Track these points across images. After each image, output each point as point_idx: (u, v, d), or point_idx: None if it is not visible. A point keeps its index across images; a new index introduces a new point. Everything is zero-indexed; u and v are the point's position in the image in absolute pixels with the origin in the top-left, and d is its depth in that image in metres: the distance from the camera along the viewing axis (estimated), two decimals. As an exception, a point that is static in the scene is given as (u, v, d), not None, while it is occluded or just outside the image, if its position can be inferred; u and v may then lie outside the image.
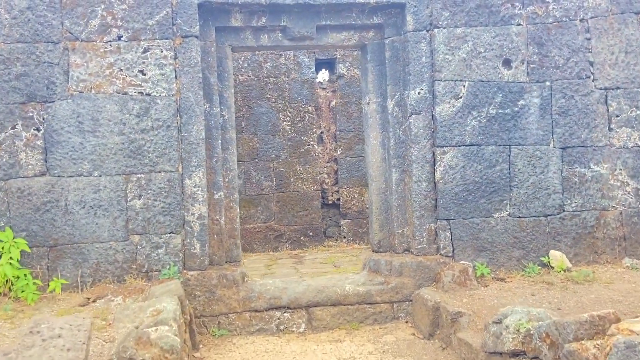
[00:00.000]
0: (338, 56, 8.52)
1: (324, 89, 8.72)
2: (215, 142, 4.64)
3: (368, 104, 4.93)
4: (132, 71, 4.34)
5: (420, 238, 4.61)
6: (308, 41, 4.85)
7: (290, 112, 8.39)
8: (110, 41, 4.34)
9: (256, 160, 8.25)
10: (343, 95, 8.52)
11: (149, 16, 4.36)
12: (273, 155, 8.32)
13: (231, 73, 4.80)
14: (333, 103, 8.59)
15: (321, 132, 8.61)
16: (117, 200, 4.31)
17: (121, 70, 4.34)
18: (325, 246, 8.45)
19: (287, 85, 8.39)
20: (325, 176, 8.64)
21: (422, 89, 4.60)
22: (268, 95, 8.35)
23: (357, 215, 8.52)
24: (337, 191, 8.59)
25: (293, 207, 8.36)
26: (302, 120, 8.42)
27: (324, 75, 8.92)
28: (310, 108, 8.45)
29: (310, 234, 8.43)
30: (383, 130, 4.89)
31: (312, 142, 8.43)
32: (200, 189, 4.41)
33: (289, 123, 8.38)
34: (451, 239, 4.57)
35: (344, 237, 8.52)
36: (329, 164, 8.66)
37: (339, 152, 8.51)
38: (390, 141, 4.80)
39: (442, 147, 4.57)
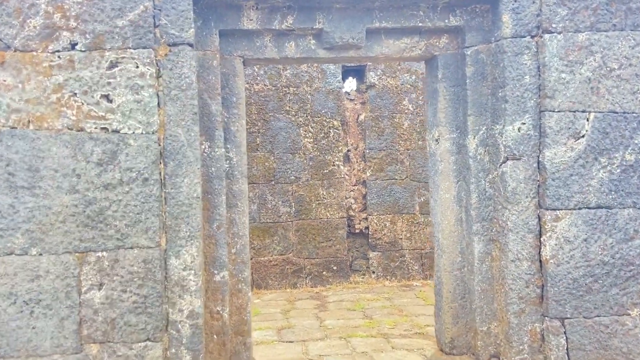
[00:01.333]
0: (368, 63, 6.79)
1: (351, 100, 7.01)
2: (218, 199, 2.96)
3: (437, 140, 3.20)
4: (92, 97, 2.67)
5: (518, 344, 2.86)
6: (353, 51, 3.12)
7: (312, 127, 6.70)
8: (59, 51, 2.64)
9: (272, 182, 6.58)
10: (374, 108, 6.81)
11: (119, 13, 2.65)
12: (292, 177, 6.64)
13: (242, 96, 3.08)
14: (362, 117, 6.90)
15: (348, 151, 6.92)
16: (65, 291, 2.61)
17: (75, 94, 2.65)
18: (351, 282, 6.78)
19: (309, 96, 6.69)
20: (352, 201, 6.96)
21: (523, 123, 2.86)
22: (287, 108, 6.66)
23: (388, 247, 6.84)
24: (366, 219, 6.92)
25: (314, 236, 6.70)
26: (327, 136, 6.72)
27: (351, 84, 7.20)
28: (335, 122, 6.75)
29: (334, 268, 6.77)
30: (459, 180, 3.16)
31: (337, 162, 6.74)
32: (192, 272, 2.70)
33: (311, 140, 6.69)
34: (567, 348, 2.82)
35: (373, 272, 6.86)
36: (356, 187, 6.98)
37: (368, 174, 6.82)
38: (471, 196, 3.08)
39: (554, 209, 2.84)
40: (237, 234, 3.12)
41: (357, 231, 6.93)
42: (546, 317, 2.85)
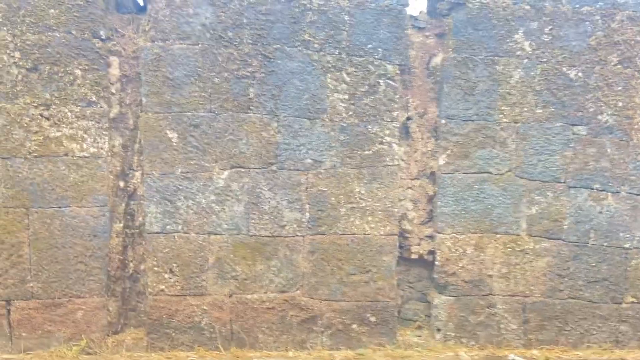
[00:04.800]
0: (457, -39, 3.80)
1: (420, 30, 4.05)
2: None
3: None
4: None
5: None
6: None
7: (348, 74, 3.82)
8: None
9: (274, 167, 3.79)
10: (460, 44, 3.86)
11: None
12: (308, 161, 3.82)
13: None
14: (437, 60, 3.96)
15: (408, 119, 4.02)
16: None
17: None
18: (398, 345, 3.96)
19: (345, 18, 3.79)
20: (409, 206, 4.09)
21: None
22: (306, 36, 3.78)
23: (468, 289, 3.97)
24: (431, 237, 4.06)
25: (341, 264, 3.89)
26: (372, 91, 3.84)
27: (424, 1, 4.24)
28: (390, 67, 3.84)
29: (372, 318, 3.95)
30: None
31: (388, 138, 3.87)
32: None
33: (346, 96, 3.82)
34: None
35: (438, 330, 4.01)
36: (417, 183, 4.09)
37: (440, 161, 3.92)
38: None
39: None
40: None
41: (414, 257, 4.07)
42: None
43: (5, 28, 3.53)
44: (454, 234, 3.90)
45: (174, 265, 3.74)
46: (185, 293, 3.76)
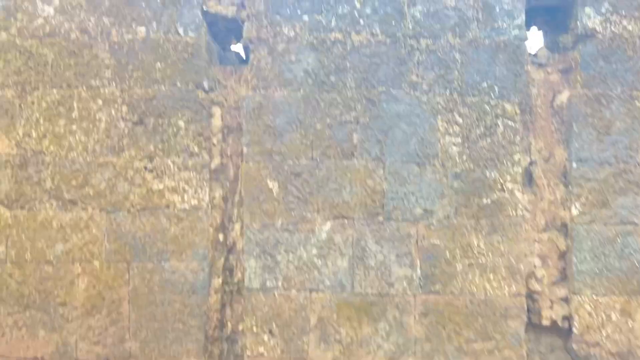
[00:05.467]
0: (581, -12, 3.44)
1: (540, 66, 3.67)
2: None
3: None
4: None
5: None
6: None
7: (461, 115, 3.48)
8: None
9: (380, 217, 3.47)
10: (589, 79, 3.41)
11: None
12: (418, 210, 3.45)
13: None
14: (562, 98, 3.52)
15: (531, 163, 3.57)
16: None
17: None
18: None
19: (456, 56, 3.50)
20: (537, 262, 3.56)
21: None
22: (414, 77, 3.52)
23: (616, 365, 3.31)
24: (565, 300, 3.48)
25: (459, 328, 3.40)
26: (490, 133, 3.46)
27: (540, 37, 3.87)
28: (508, 107, 3.46)
29: (497, 395, 3.38)
30: None
31: (509, 185, 3.43)
32: None
33: (459, 139, 3.47)
34: None
35: (580, 414, 3.35)
36: (546, 236, 3.56)
37: (573, 211, 3.39)
38: None
39: None
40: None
41: (545, 323, 3.50)
42: None
43: (114, 83, 3.59)
44: (594, 297, 3.31)
45: (274, 325, 3.45)
46: (285, 357, 3.43)
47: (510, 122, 3.40)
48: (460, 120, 3.42)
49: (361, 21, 3.48)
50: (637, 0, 3.33)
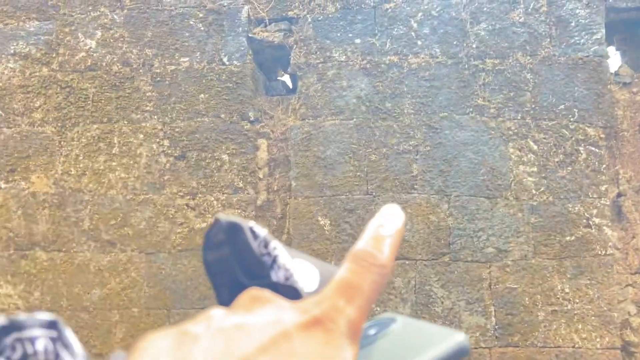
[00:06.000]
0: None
1: (625, 85, 3.26)
2: None
3: None
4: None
5: None
6: None
7: (536, 141, 3.08)
8: None
9: (446, 258, 3.06)
10: (684, 96, 2.98)
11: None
12: (491, 249, 3.03)
13: None
14: (653, 119, 3.09)
15: (619, 194, 3.11)
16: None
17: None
18: None
19: (527, 76, 3.12)
20: (632, 309, 3.06)
21: None
22: (480, 100, 3.16)
23: None
24: (671, 355, 2.95)
25: (542, 387, 2.91)
26: (570, 160, 3.04)
27: (617, 55, 3.46)
28: (590, 131, 3.05)
29: None
30: None
31: (595, 219, 2.97)
32: None
33: (534, 168, 3.06)
34: None
35: None
36: (639, 277, 3.08)
37: (674, 249, 2.90)
38: None
39: None
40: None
41: (647, 383, 2.97)
42: None
43: (156, 117, 3.39)
44: None
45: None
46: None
47: (593, 148, 2.98)
48: (535, 147, 3.03)
49: (419, 42, 3.18)
50: None
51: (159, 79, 3.41)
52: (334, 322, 0.28)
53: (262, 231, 0.34)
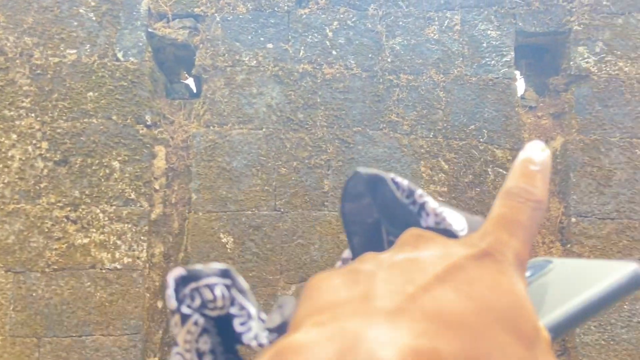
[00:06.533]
0: (575, 25, 3.11)
1: (530, 109, 3.32)
2: None
3: None
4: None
5: None
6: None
7: (447, 161, 3.03)
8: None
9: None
10: (586, 125, 3.07)
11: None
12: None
13: None
14: (556, 145, 3.14)
15: (524, 217, 3.18)
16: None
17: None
18: None
19: (440, 94, 3.08)
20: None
21: None
22: (394, 117, 3.06)
23: None
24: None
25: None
26: (479, 181, 3.02)
27: (528, 79, 3.54)
28: (498, 153, 3.06)
29: None
30: None
31: (502, 242, 3.01)
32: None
33: (444, 187, 2.99)
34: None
35: None
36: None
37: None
38: None
39: None
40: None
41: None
42: None
43: (33, 115, 2.94)
44: (602, 373, 2.84)
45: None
46: None
47: (501, 170, 2.99)
48: (446, 166, 2.97)
49: (334, 52, 3.03)
50: (632, 40, 3.06)
51: (39, 71, 2.97)
52: (502, 254, 0.27)
53: (404, 181, 0.34)
